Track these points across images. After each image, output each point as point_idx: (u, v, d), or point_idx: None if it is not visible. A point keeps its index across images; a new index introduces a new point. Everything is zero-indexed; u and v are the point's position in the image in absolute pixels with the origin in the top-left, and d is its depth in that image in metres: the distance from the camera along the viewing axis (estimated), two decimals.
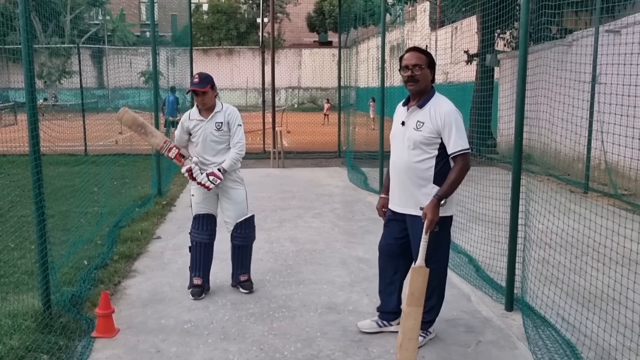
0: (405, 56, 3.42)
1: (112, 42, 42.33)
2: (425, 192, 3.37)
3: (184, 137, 4.50)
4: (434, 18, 26.13)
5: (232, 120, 4.46)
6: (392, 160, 3.56)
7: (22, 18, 3.59)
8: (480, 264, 5.24)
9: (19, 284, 4.65)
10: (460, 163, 3.31)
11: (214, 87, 4.37)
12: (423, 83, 3.40)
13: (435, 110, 3.35)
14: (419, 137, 3.35)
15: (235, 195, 4.52)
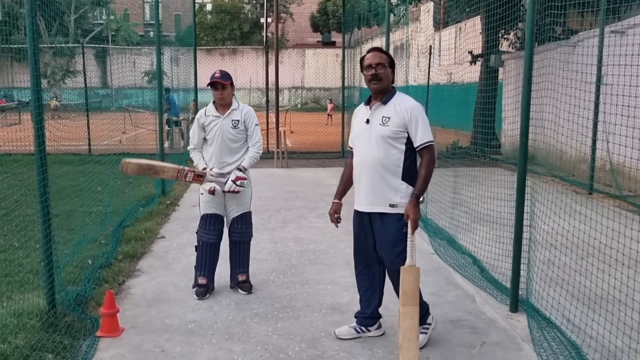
0: (368, 56, 3.49)
1: (115, 42, 42.39)
2: (394, 188, 3.41)
3: (201, 135, 4.50)
4: (438, 18, 26.08)
5: (249, 120, 4.50)
6: (358, 160, 3.54)
7: (29, 18, 3.59)
8: (485, 265, 5.23)
9: (23, 282, 4.66)
10: (427, 156, 3.37)
11: (233, 84, 4.43)
12: (386, 81, 3.46)
13: (400, 105, 3.43)
14: (386, 132, 3.39)
15: (242, 196, 4.53)
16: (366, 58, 3.49)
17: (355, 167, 3.57)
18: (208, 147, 4.48)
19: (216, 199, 4.47)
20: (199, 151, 4.58)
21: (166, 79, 22.25)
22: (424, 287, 4.76)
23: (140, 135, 15.42)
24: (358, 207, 3.58)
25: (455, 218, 6.74)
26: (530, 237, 4.22)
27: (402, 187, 3.39)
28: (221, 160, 4.43)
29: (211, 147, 4.45)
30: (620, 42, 8.42)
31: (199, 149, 4.57)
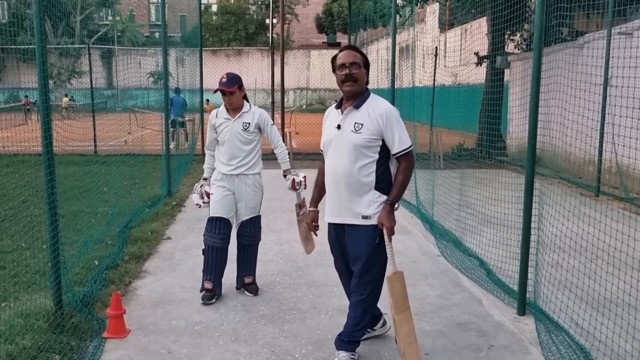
0: (341, 55, 3.21)
1: (121, 43, 42.52)
2: (367, 199, 3.18)
3: (213, 136, 4.51)
4: (444, 20, 26.06)
5: (263, 122, 4.50)
6: (329, 169, 3.29)
7: (36, 19, 3.60)
8: (492, 268, 5.21)
9: (30, 283, 4.67)
10: (406, 162, 3.18)
11: (241, 87, 4.38)
12: (361, 83, 3.18)
13: (374, 110, 3.15)
14: (359, 140, 3.12)
15: (252, 200, 4.53)
16: (339, 57, 3.21)
17: (327, 177, 3.34)
18: (220, 148, 4.49)
19: (226, 199, 4.46)
20: (211, 154, 4.60)
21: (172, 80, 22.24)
22: (430, 289, 4.77)
23: (146, 135, 15.45)
24: (329, 218, 3.37)
25: (461, 220, 6.72)
26: (537, 239, 4.19)
27: (375, 198, 3.18)
28: (231, 161, 4.44)
29: (222, 147, 4.47)
30: (627, 44, 8.38)
31: (212, 150, 4.58)
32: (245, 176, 4.46)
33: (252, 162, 4.48)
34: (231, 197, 4.46)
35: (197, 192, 4.57)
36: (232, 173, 4.43)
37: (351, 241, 3.28)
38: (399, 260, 5.54)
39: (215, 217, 4.44)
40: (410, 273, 5.18)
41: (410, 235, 6.60)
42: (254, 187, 4.52)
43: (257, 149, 4.54)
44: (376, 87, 24.24)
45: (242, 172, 4.44)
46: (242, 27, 45.41)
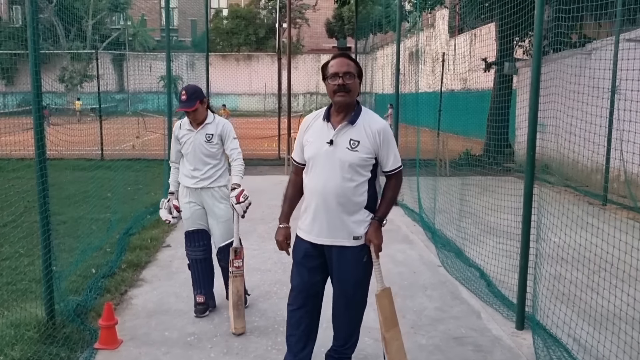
0: (334, 63, 2.99)
1: (132, 47, 42.79)
2: (358, 219, 3.01)
3: (177, 147, 4.34)
4: (453, 25, 25.96)
5: (225, 134, 4.31)
6: (316, 186, 3.01)
7: (30, 28, 3.58)
8: (492, 279, 5.12)
9: (25, 291, 4.65)
10: (395, 180, 3.10)
11: (203, 100, 4.19)
12: (354, 94, 2.98)
13: (370, 126, 2.98)
14: (355, 159, 2.93)
15: (220, 213, 4.31)
16: (331, 65, 2.99)
17: (311, 194, 3.06)
18: (184, 161, 4.33)
19: (197, 213, 4.34)
20: (176, 167, 4.42)
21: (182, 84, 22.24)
22: (428, 301, 4.70)
23: (154, 140, 15.48)
24: (312, 238, 3.08)
25: (463, 229, 6.63)
26: (537, 252, 4.11)
27: (365, 217, 3.03)
28: (195, 173, 4.25)
29: (186, 160, 4.30)
30: (636, 51, 8.25)
31: (177, 163, 4.41)
32: (210, 189, 4.29)
33: (217, 175, 4.31)
34: (201, 210, 4.33)
35: (165, 207, 4.39)
36: (195, 186, 4.26)
37: (340, 263, 3.06)
38: (399, 271, 5.51)
39: (191, 231, 4.36)
40: (410, 284, 5.11)
41: (411, 244, 6.53)
42: (221, 198, 4.32)
43: (222, 161, 4.37)
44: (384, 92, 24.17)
45: (207, 186, 4.27)
46: (252, 32, 45.55)
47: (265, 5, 47.20)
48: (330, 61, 3.03)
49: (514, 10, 7.76)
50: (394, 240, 6.59)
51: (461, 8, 18.53)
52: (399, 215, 8.08)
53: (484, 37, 18.61)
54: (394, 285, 5.01)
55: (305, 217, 3.12)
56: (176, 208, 4.35)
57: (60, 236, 6.46)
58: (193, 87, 4.21)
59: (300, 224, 3.16)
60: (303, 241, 3.14)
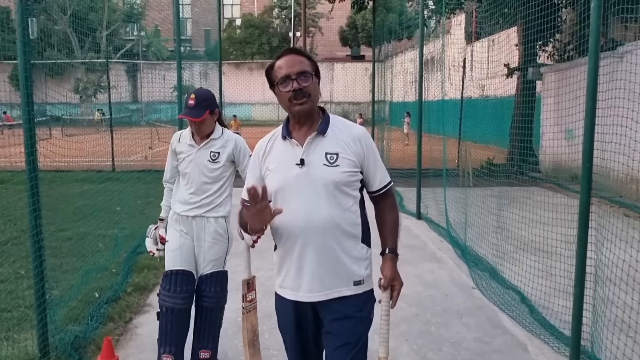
0: (282, 63, 2.26)
1: (146, 57, 42.85)
2: (357, 256, 2.28)
3: (174, 164, 3.57)
4: (470, 31, 25.50)
5: (239, 153, 3.49)
6: (297, 222, 2.23)
7: (20, 42, 3.20)
8: (534, 303, 4.63)
9: (21, 320, 4.24)
10: (391, 198, 2.41)
11: (214, 111, 3.40)
12: (315, 97, 2.28)
13: (346, 134, 2.31)
14: (338, 175, 2.22)
15: (212, 251, 3.47)
16: (278, 66, 2.27)
17: (289, 235, 2.26)
18: (180, 181, 3.54)
19: (186, 249, 3.43)
20: (170, 188, 3.63)
21: None
22: (466, 330, 4.21)
23: (166, 150, 15.16)
24: (302, 296, 2.28)
25: (495, 245, 6.14)
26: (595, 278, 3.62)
27: (364, 254, 2.32)
28: (191, 199, 3.42)
29: (182, 181, 3.50)
30: None
31: (171, 184, 3.62)
32: (204, 219, 3.43)
33: (217, 202, 3.45)
34: (191, 245, 3.45)
35: (151, 236, 3.67)
36: (187, 214, 3.42)
37: (337, 321, 2.27)
38: (430, 294, 5.03)
39: (174, 271, 3.40)
40: (443, 309, 4.63)
41: (440, 262, 6.04)
42: (216, 234, 3.46)
43: (226, 186, 3.51)
44: (401, 100, 23.75)
45: (201, 214, 3.42)
46: (266, 41, 45.42)
47: (278, 14, 47.11)
48: (276, 62, 2.29)
49: (539, 14, 7.36)
50: (422, 258, 6.12)
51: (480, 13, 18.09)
52: (423, 229, 7.61)
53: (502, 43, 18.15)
54: (426, 311, 4.56)
55: (287, 270, 2.30)
56: (161, 240, 3.60)
57: (63, 255, 6.08)
58: (205, 92, 3.45)
59: (281, 280, 2.35)
60: (289, 302, 2.32)
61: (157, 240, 3.62)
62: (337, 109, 42.35)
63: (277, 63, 2.28)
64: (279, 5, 46.54)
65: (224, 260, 3.55)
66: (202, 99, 3.34)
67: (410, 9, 14.87)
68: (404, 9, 15.14)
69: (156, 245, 3.64)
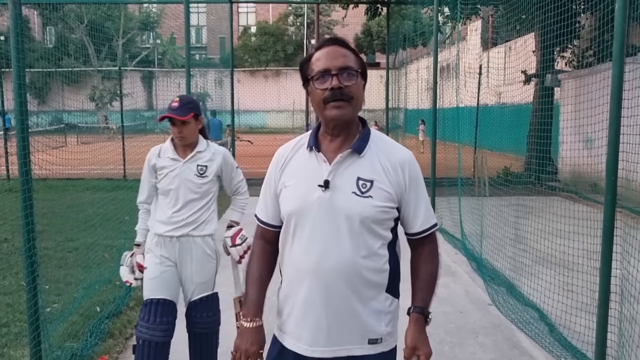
0: (321, 54, 1.82)
1: (162, 65, 43.15)
2: (376, 308, 1.85)
3: (152, 182, 3.22)
4: (486, 37, 25.24)
5: (226, 165, 3.29)
6: (309, 261, 1.82)
7: (14, 51, 3.07)
8: (554, 321, 4.40)
9: (19, 335, 4.11)
10: (432, 244, 1.94)
11: (198, 116, 3.19)
12: (358, 104, 1.82)
13: (387, 156, 1.84)
14: (369, 210, 1.78)
15: (202, 272, 3.21)
16: (317, 57, 1.83)
17: (299, 274, 1.86)
18: (161, 200, 3.20)
19: (167, 276, 3.14)
20: (147, 209, 3.28)
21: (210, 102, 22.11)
22: (482, 351, 4.00)
23: None
24: (303, 347, 1.87)
25: (512, 259, 5.91)
26: (621, 297, 3.39)
27: (388, 306, 1.89)
28: (175, 217, 3.14)
29: (165, 199, 3.17)
30: None
31: (148, 204, 3.28)
32: (191, 239, 3.17)
33: (203, 220, 3.21)
34: (173, 272, 3.16)
35: (127, 265, 3.25)
36: (172, 234, 3.13)
37: None
38: (443, 310, 4.80)
39: (153, 300, 3.11)
40: (457, 327, 4.41)
41: (454, 276, 5.82)
42: (204, 254, 3.22)
43: (212, 202, 3.28)
44: (415, 107, 23.54)
45: (188, 233, 3.15)
46: (281, 48, 45.49)
47: (293, 22, 47.18)
48: (314, 53, 1.85)
49: (556, 19, 7.16)
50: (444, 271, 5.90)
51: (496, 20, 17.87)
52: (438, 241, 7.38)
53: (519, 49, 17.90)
54: (439, 329, 4.34)
55: (289, 313, 1.91)
56: (139, 267, 3.21)
57: (69, 266, 5.97)
58: (190, 97, 3.30)
59: (281, 323, 1.94)
60: (287, 352, 1.91)
61: (135, 268, 3.25)
62: None
63: (316, 54, 1.84)
64: (293, 13, 46.61)
65: (214, 281, 3.31)
66: (187, 102, 3.16)
67: (425, 16, 14.67)
68: (418, 15, 14.95)
69: (133, 274, 3.25)
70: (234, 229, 3.33)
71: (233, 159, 3.38)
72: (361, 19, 40.67)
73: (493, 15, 18.66)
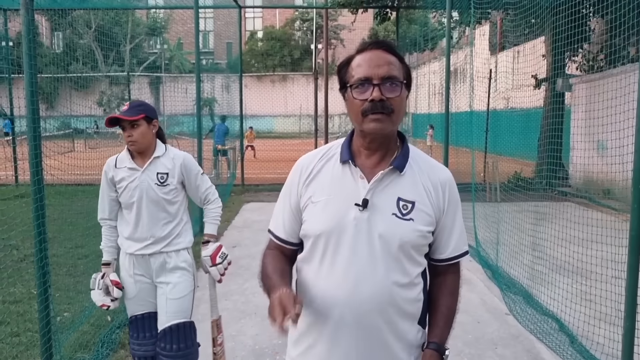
0: (363, 59, 1.62)
1: (169, 70, 43.29)
2: (408, 342, 1.68)
3: (112, 196, 2.97)
4: (494, 41, 25.15)
5: (187, 171, 3.01)
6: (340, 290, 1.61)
7: (26, 57, 3.02)
8: (574, 331, 4.30)
9: (29, 345, 4.05)
10: (456, 276, 1.78)
11: (152, 121, 2.93)
12: (399, 117, 1.64)
13: (429, 176, 1.69)
14: (410, 234, 1.61)
15: (177, 289, 2.96)
16: (357, 63, 1.63)
17: (326, 303, 1.63)
18: (124, 215, 2.97)
19: (146, 291, 3.00)
20: (112, 226, 3.04)
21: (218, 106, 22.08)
22: None
23: None
24: None
25: (528, 266, 5.81)
26: None
27: (418, 339, 1.71)
28: (142, 234, 2.92)
29: (128, 214, 2.94)
30: None
31: (114, 219, 3.03)
32: (164, 255, 2.95)
33: (176, 233, 2.98)
34: (150, 287, 3.00)
35: (98, 287, 2.97)
36: (144, 252, 2.92)
37: None
38: (460, 320, 4.68)
39: (139, 316, 3.02)
40: (475, 338, 4.32)
41: (470, 284, 5.72)
42: (179, 269, 2.99)
43: (182, 212, 3.04)
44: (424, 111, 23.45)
45: (160, 250, 2.94)
46: (288, 53, 45.56)
47: (300, 27, 47.24)
48: (356, 55, 1.65)
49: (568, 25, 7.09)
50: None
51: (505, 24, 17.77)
52: None
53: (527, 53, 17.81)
54: (457, 340, 4.25)
55: (311, 344, 1.69)
56: (116, 285, 2.96)
57: (79, 274, 5.91)
58: (142, 101, 3.07)
59: (299, 354, 1.73)
60: None
61: (110, 288, 2.97)
62: None
63: (357, 59, 1.63)
64: (300, 18, 46.68)
65: (191, 301, 3.04)
66: (137, 104, 2.93)
67: (434, 20, 14.60)
68: (427, 20, 14.90)
69: (109, 295, 2.98)
70: (213, 246, 3.01)
71: (196, 163, 3.12)
72: (368, 23, 40.66)
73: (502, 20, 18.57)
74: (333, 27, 43.34)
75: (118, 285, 2.97)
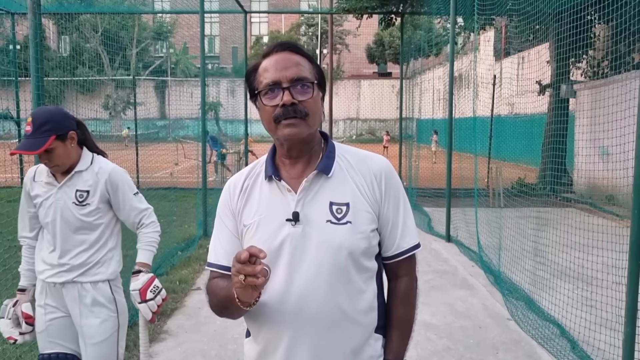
0: (269, 63, 1.51)
1: (175, 74, 43.48)
2: (368, 355, 1.56)
3: (31, 212, 2.56)
4: (499, 47, 25.18)
5: (113, 188, 2.53)
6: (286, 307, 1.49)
7: (33, 61, 3.06)
8: (575, 337, 4.30)
9: (34, 346, 4.07)
10: (409, 277, 1.65)
11: (65, 135, 2.39)
12: (315, 119, 1.53)
13: (360, 169, 1.57)
14: (350, 239, 1.49)
15: (97, 329, 2.51)
16: (264, 67, 1.52)
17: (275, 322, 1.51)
18: (43, 238, 2.55)
19: (56, 326, 2.53)
20: (29, 247, 2.63)
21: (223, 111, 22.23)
22: None
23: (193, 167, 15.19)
24: None
25: (530, 272, 5.82)
26: None
27: (378, 349, 1.60)
28: (59, 259, 2.48)
29: (46, 237, 2.52)
30: None
31: (31, 240, 2.62)
32: (77, 286, 2.50)
33: (94, 261, 2.51)
34: (65, 321, 2.54)
35: (7, 317, 2.52)
36: (54, 281, 2.48)
37: None
38: (462, 325, 4.72)
39: (45, 356, 2.54)
40: (476, 343, 4.33)
41: (472, 290, 5.73)
42: (97, 305, 2.52)
43: (107, 237, 2.56)
44: (428, 117, 23.48)
45: (73, 279, 2.48)
46: None
47: (305, 32, 47.39)
48: (262, 61, 1.54)
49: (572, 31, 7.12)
50: (452, 284, 5.82)
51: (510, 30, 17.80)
52: (453, 253, 7.30)
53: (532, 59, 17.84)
54: (458, 344, 4.27)
55: None
56: (26, 318, 2.52)
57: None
58: (49, 111, 2.41)
59: None
60: None
61: (20, 319, 2.53)
62: (364, 126, 42.22)
63: (264, 63, 1.52)
64: (306, 23, 46.84)
65: (116, 346, 2.60)
66: (43, 122, 2.33)
67: (438, 26, 14.65)
68: (432, 25, 14.95)
69: (19, 327, 2.53)
70: (144, 277, 2.55)
71: (128, 179, 2.60)
72: (373, 29, 40.76)
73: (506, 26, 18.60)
74: (338, 32, 43.47)
75: (28, 320, 2.53)
